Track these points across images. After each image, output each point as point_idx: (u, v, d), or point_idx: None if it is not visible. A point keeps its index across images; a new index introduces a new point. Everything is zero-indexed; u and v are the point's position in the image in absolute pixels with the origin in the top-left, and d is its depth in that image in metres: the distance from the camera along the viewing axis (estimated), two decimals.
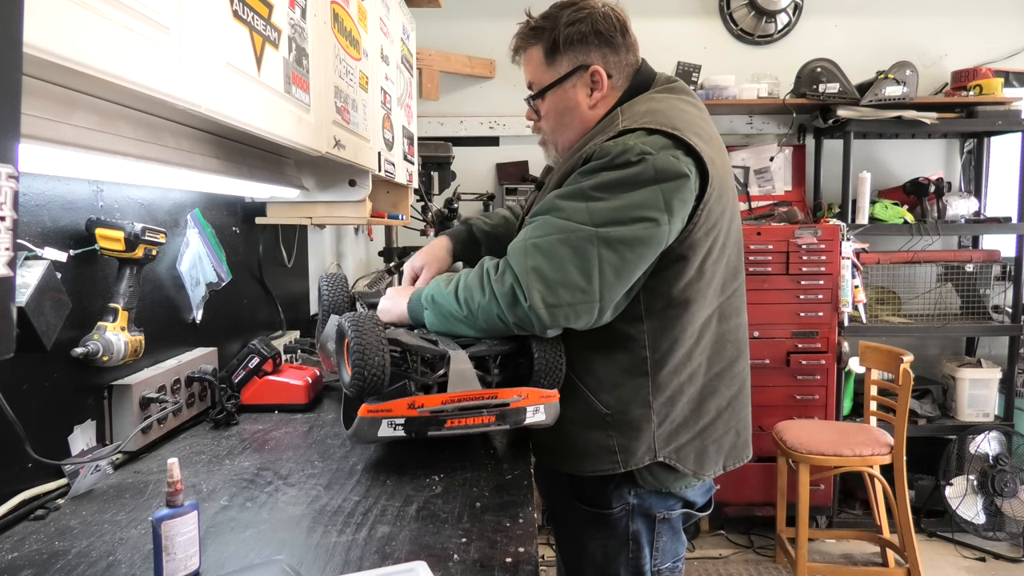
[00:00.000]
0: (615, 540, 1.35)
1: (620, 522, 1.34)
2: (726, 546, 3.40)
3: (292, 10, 1.28)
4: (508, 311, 1.20)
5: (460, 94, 3.88)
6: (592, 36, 1.30)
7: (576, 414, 1.30)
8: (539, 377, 1.28)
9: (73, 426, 1.26)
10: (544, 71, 1.35)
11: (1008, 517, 3.35)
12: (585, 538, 1.39)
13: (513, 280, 1.19)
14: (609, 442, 1.29)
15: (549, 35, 1.33)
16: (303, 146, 1.37)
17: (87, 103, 0.89)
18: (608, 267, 1.16)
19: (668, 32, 3.83)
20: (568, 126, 1.36)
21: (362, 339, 1.14)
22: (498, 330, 1.24)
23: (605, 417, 1.29)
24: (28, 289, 1.00)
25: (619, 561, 1.36)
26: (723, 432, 1.35)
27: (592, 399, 1.30)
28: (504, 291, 1.20)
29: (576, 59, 1.32)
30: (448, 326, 1.29)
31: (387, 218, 2.54)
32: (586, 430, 1.30)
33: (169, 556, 0.88)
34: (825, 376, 3.33)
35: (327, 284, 1.66)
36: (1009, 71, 3.69)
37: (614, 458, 1.29)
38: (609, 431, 1.28)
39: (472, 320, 1.25)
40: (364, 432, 1.15)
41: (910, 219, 3.47)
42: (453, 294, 1.26)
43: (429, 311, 1.31)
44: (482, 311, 1.22)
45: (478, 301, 1.23)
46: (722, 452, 1.36)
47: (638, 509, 1.34)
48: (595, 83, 1.32)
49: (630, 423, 1.28)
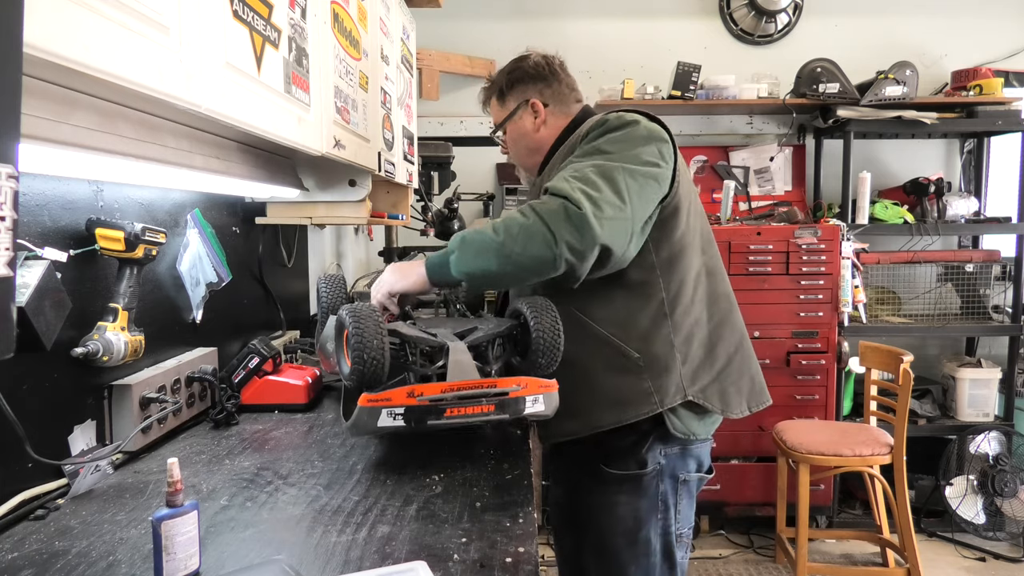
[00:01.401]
0: (646, 501, 1.46)
1: (651, 483, 1.46)
2: (726, 546, 3.40)
3: (292, 10, 1.28)
4: (559, 224, 1.23)
5: (460, 94, 3.88)
6: (527, 78, 1.63)
7: (610, 365, 1.42)
8: (536, 356, 1.28)
9: (73, 426, 1.26)
10: (500, 112, 1.68)
11: (1008, 517, 3.35)
12: (614, 505, 1.47)
13: (561, 199, 1.25)
14: (644, 384, 1.41)
15: (496, 85, 1.67)
16: (303, 146, 1.37)
17: (87, 103, 0.89)
18: (634, 192, 1.31)
19: (668, 32, 3.83)
20: (526, 148, 1.66)
21: (361, 329, 1.14)
22: (536, 257, 1.25)
23: (637, 361, 1.41)
24: (28, 289, 1.00)
25: (650, 524, 1.47)
26: (738, 376, 1.51)
27: (623, 346, 1.42)
28: (553, 208, 1.25)
29: (518, 97, 1.64)
30: (478, 262, 1.29)
31: (387, 218, 2.54)
32: (622, 377, 1.42)
33: (169, 556, 0.88)
34: (825, 376, 3.33)
35: (326, 285, 1.67)
36: (1009, 71, 3.69)
37: (652, 399, 1.41)
38: (642, 374, 1.41)
39: (509, 246, 1.25)
40: (364, 422, 1.15)
41: (910, 219, 3.47)
42: (488, 228, 1.29)
43: (457, 253, 1.31)
44: (524, 232, 1.25)
45: (520, 223, 1.26)
46: (743, 394, 1.51)
47: (666, 470, 1.46)
48: (536, 111, 1.62)
49: (659, 362, 1.42)
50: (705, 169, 3.84)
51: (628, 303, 1.43)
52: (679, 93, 3.51)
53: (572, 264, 1.25)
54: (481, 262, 1.29)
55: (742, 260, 3.27)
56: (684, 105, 3.55)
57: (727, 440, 3.29)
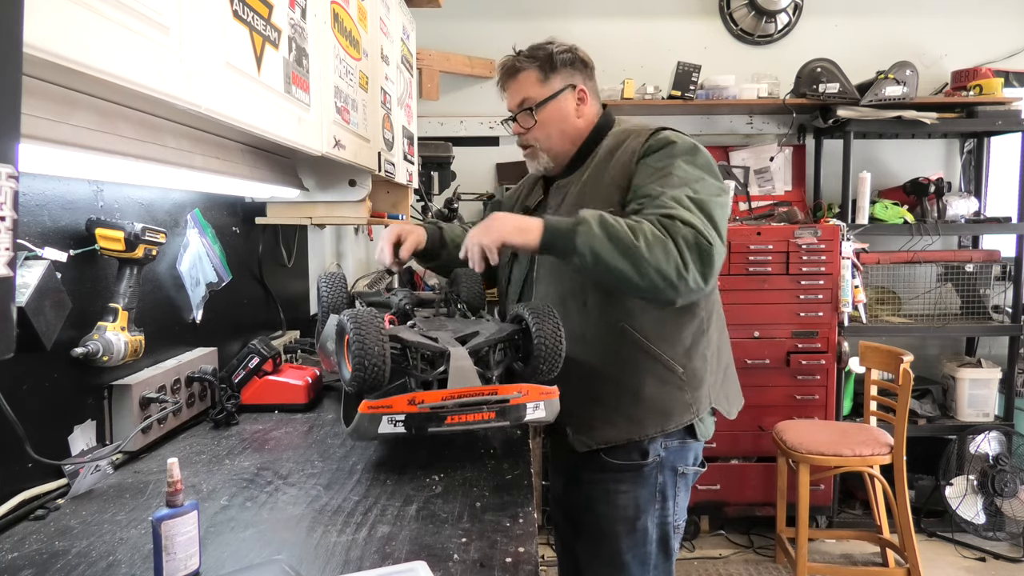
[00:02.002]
0: (646, 491, 1.52)
1: (651, 474, 1.52)
2: (726, 546, 3.40)
3: (292, 10, 1.28)
4: (693, 253, 1.29)
5: (460, 94, 3.88)
6: (578, 63, 1.61)
7: (657, 378, 1.48)
8: (538, 362, 1.28)
9: (73, 426, 1.26)
10: (539, 88, 1.59)
11: (1008, 517, 3.35)
12: (615, 494, 1.53)
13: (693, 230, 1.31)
14: (685, 396, 1.50)
15: (545, 59, 1.58)
16: (303, 146, 1.37)
17: (87, 103, 0.89)
18: (723, 228, 1.37)
19: (668, 32, 3.83)
20: (561, 133, 1.60)
21: (362, 335, 1.14)
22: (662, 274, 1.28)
23: (680, 375, 1.49)
24: (28, 289, 1.00)
25: (649, 513, 1.53)
26: (733, 379, 1.66)
27: (671, 362, 1.48)
28: (688, 236, 1.30)
29: (567, 78, 1.59)
30: (608, 249, 1.29)
31: (387, 218, 2.53)
32: (667, 390, 1.49)
33: (169, 556, 0.88)
34: (825, 376, 3.33)
35: (326, 284, 1.67)
36: (1009, 71, 3.69)
37: (691, 409, 1.50)
38: (684, 387, 1.50)
39: (644, 253, 1.27)
40: (364, 428, 1.15)
41: (910, 219, 3.47)
42: (623, 224, 1.30)
43: (588, 228, 1.30)
44: (661, 247, 1.28)
45: (659, 237, 1.29)
46: (734, 396, 1.65)
47: (667, 462, 1.53)
48: (580, 100, 1.60)
49: (697, 376, 1.51)
50: None
51: (676, 322, 1.49)
52: (679, 93, 3.51)
53: (689, 293, 1.32)
54: (611, 250, 1.29)
55: (742, 260, 3.27)
56: (684, 105, 3.55)
57: (727, 440, 3.29)
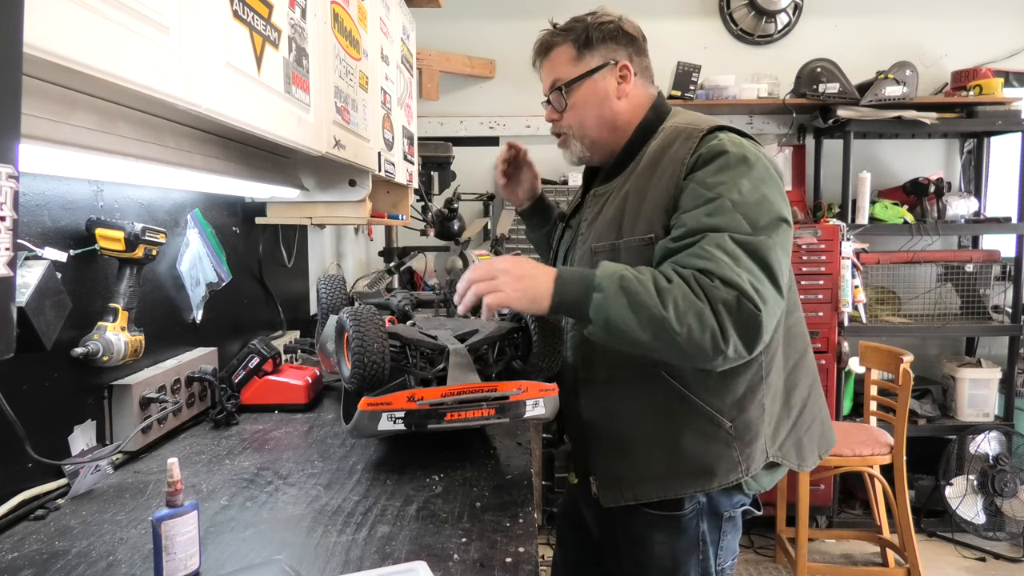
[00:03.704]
0: (684, 541, 1.32)
1: (691, 523, 1.32)
2: None
3: (292, 10, 1.28)
4: (732, 322, 1.08)
5: (460, 94, 3.88)
6: (621, 35, 1.37)
7: (699, 433, 1.27)
8: (537, 359, 1.28)
9: (73, 426, 1.26)
10: (573, 66, 1.38)
11: (1008, 517, 3.35)
12: (652, 544, 1.34)
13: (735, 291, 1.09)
14: (732, 453, 1.27)
15: (580, 32, 1.37)
16: (303, 146, 1.37)
17: (87, 103, 0.89)
18: (785, 273, 1.17)
19: (668, 32, 3.83)
20: (597, 117, 1.38)
21: (361, 332, 1.14)
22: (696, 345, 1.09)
23: (728, 430, 1.26)
24: (28, 289, 1.00)
25: (689, 564, 1.33)
26: (810, 422, 1.37)
27: (717, 417, 1.26)
28: (728, 300, 1.08)
29: (606, 54, 1.36)
30: (628, 319, 1.09)
31: (387, 218, 2.54)
32: (710, 445, 1.27)
33: (169, 556, 0.88)
34: (825, 376, 3.32)
35: (326, 286, 1.67)
36: (1009, 71, 3.69)
37: (739, 468, 1.27)
38: (731, 442, 1.27)
39: (673, 324, 1.07)
40: (364, 426, 1.15)
41: (910, 219, 3.47)
42: (651, 285, 1.10)
43: (606, 296, 1.10)
44: (695, 317, 1.08)
45: (693, 303, 1.08)
46: (814, 442, 1.38)
47: (707, 509, 1.32)
48: (623, 77, 1.37)
49: (749, 429, 1.27)
50: None
51: (727, 370, 1.23)
52: (679, 93, 3.51)
53: (727, 363, 1.12)
54: (631, 321, 1.09)
55: None
56: (684, 105, 3.55)
57: None
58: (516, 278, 1.15)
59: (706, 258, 1.11)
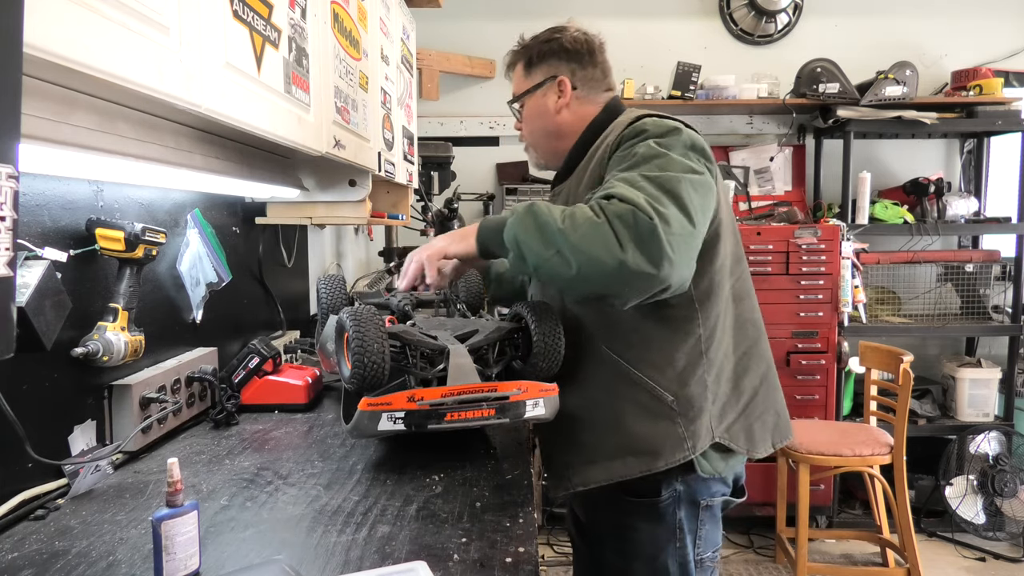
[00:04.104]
0: (663, 529, 1.36)
1: (668, 510, 1.36)
2: (726, 546, 3.40)
3: (292, 10, 1.28)
4: (627, 231, 1.10)
5: (460, 94, 3.88)
6: (561, 52, 1.49)
7: (642, 410, 1.31)
8: (537, 359, 1.28)
9: (73, 426, 1.26)
10: (523, 81, 1.52)
11: (1008, 517, 3.35)
12: (632, 531, 1.38)
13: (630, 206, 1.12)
14: (678, 429, 1.30)
15: (529, 51, 1.51)
16: (303, 146, 1.37)
17: (87, 103, 0.89)
18: (698, 207, 1.18)
19: (668, 32, 3.83)
20: (542, 128, 1.51)
21: (361, 332, 1.14)
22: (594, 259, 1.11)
23: (672, 405, 1.30)
24: (28, 289, 1.00)
25: (667, 552, 1.37)
26: (763, 410, 1.41)
27: (658, 390, 1.31)
28: (620, 211, 1.11)
29: (548, 70, 1.49)
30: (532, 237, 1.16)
31: (387, 218, 2.54)
32: (654, 423, 1.31)
33: (169, 556, 0.88)
34: (825, 376, 3.33)
35: (325, 286, 1.67)
36: (1009, 71, 3.69)
37: (684, 445, 1.30)
38: (676, 419, 1.30)
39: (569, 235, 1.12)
40: (364, 426, 1.15)
41: (910, 219, 3.47)
42: (557, 211, 1.16)
43: (517, 217, 1.19)
44: (590, 227, 1.12)
45: (587, 217, 1.13)
46: (767, 430, 1.41)
47: (684, 496, 1.36)
48: (561, 91, 1.48)
49: (692, 405, 1.31)
50: None
51: (665, 341, 1.31)
52: (679, 93, 3.51)
53: (639, 280, 1.11)
54: (537, 239, 1.16)
55: None
56: (684, 105, 3.55)
57: None
58: (447, 237, 1.34)
59: (608, 188, 1.18)
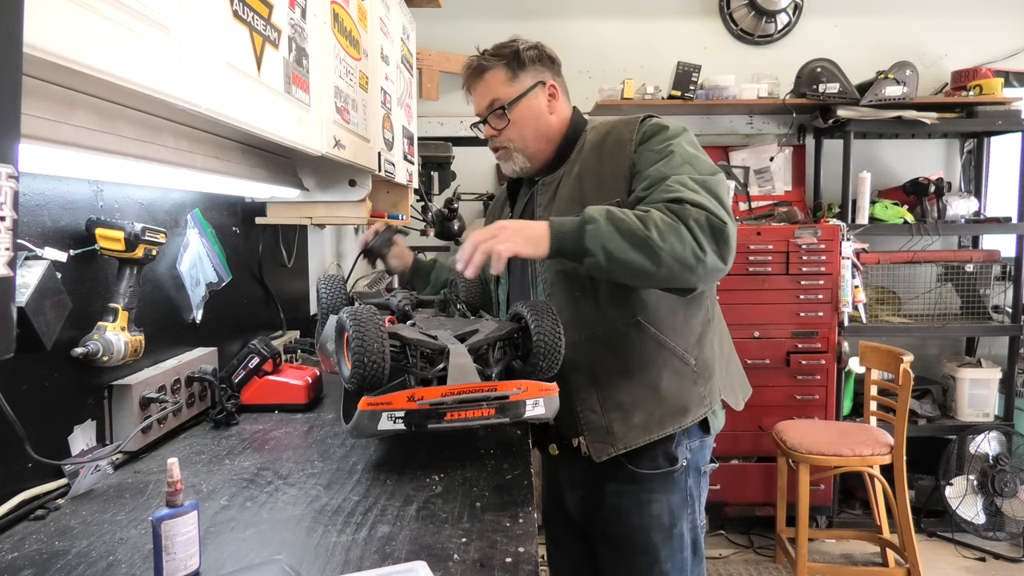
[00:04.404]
0: (678, 496, 1.49)
1: (681, 478, 1.49)
2: (726, 546, 3.40)
3: (292, 10, 1.28)
4: (706, 234, 1.25)
5: (460, 94, 3.82)
6: (546, 59, 1.56)
7: (673, 373, 1.45)
8: (538, 359, 1.28)
9: (73, 426, 1.26)
10: (508, 87, 1.54)
11: (1008, 517, 3.35)
12: (648, 504, 1.48)
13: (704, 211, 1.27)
14: (699, 389, 1.46)
15: (512, 56, 1.53)
16: (303, 146, 1.37)
17: (87, 103, 0.89)
18: (729, 204, 1.33)
19: (668, 32, 3.83)
20: (535, 131, 1.55)
21: (361, 332, 1.14)
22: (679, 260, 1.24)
23: (694, 368, 1.46)
24: (28, 289, 1.00)
25: (683, 518, 1.50)
26: (736, 369, 1.63)
27: (685, 354, 1.45)
28: (699, 218, 1.26)
29: (536, 75, 1.54)
30: (622, 244, 1.24)
31: (387, 218, 2.53)
32: (682, 383, 1.45)
33: (169, 556, 0.88)
34: (825, 376, 3.33)
35: (325, 286, 1.67)
36: (1009, 71, 3.69)
37: (705, 402, 1.47)
38: (697, 379, 1.46)
39: (658, 241, 1.23)
40: (364, 425, 1.15)
41: (910, 219, 3.47)
42: (632, 216, 1.26)
43: (598, 226, 1.25)
44: (674, 233, 1.24)
45: (669, 223, 1.25)
46: (739, 387, 1.61)
47: (692, 463, 1.50)
48: (552, 96, 1.55)
49: (707, 367, 1.48)
50: None
51: (686, 312, 1.46)
52: (679, 93, 3.51)
53: (709, 274, 1.28)
54: (623, 245, 1.24)
55: (742, 260, 3.27)
56: (684, 105, 3.55)
57: (727, 440, 3.29)
58: (514, 230, 1.30)
59: (673, 191, 1.29)
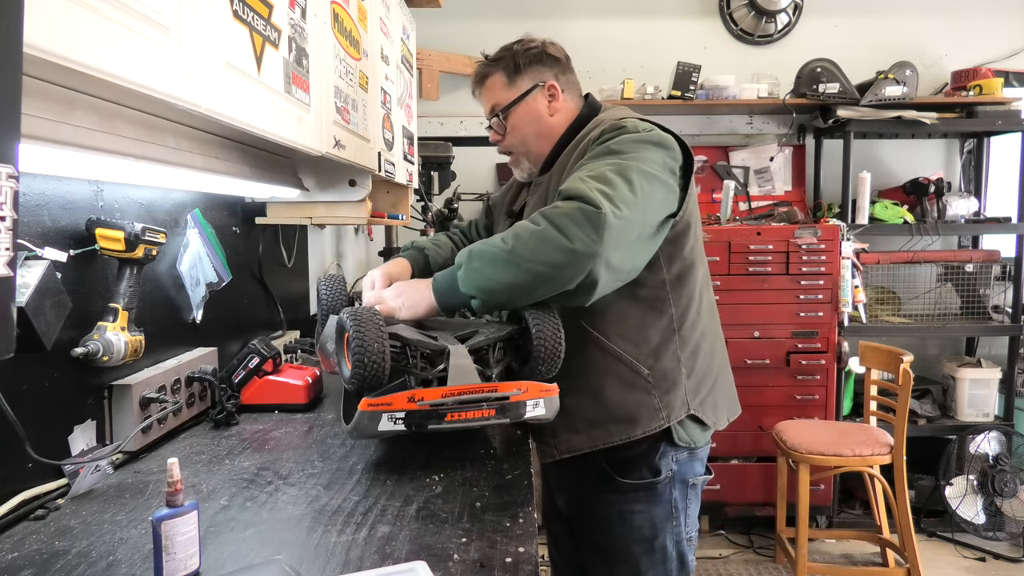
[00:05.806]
0: (661, 508, 1.46)
1: (665, 490, 1.46)
2: (726, 546, 3.40)
3: (292, 10, 1.28)
4: (572, 226, 1.16)
5: (460, 94, 3.88)
6: (546, 58, 1.53)
7: (620, 381, 1.41)
8: (537, 363, 1.28)
9: (73, 426, 1.26)
10: (506, 91, 1.54)
11: (1008, 517, 3.35)
12: (631, 514, 1.46)
13: (576, 201, 1.19)
14: (652, 400, 1.41)
15: (509, 61, 1.53)
16: (303, 146, 1.37)
17: (87, 103, 0.89)
18: (647, 194, 1.26)
19: (668, 32, 3.83)
20: (535, 133, 1.54)
21: (362, 333, 1.14)
22: (549, 263, 1.17)
23: (647, 377, 1.41)
24: (28, 289, 1.00)
25: (666, 531, 1.47)
26: (723, 387, 1.54)
27: (633, 362, 1.41)
28: (566, 211, 1.18)
29: (534, 77, 1.53)
30: (488, 275, 1.22)
31: (387, 218, 2.54)
32: (631, 393, 1.41)
33: (169, 556, 0.88)
34: (825, 376, 3.33)
35: (325, 286, 1.66)
36: (1009, 71, 3.69)
37: (660, 415, 1.41)
38: (651, 390, 1.41)
39: (520, 252, 1.18)
40: (364, 426, 1.15)
41: (910, 219, 3.47)
42: (497, 240, 1.23)
43: (464, 268, 1.24)
44: (535, 238, 1.18)
45: (530, 229, 1.20)
46: (724, 405, 1.53)
47: (677, 476, 1.47)
48: (552, 96, 1.53)
49: (666, 378, 1.42)
50: (705, 169, 3.84)
51: (640, 319, 1.41)
52: (679, 93, 3.51)
53: (585, 261, 1.17)
54: (491, 274, 1.22)
55: (742, 260, 3.27)
56: (684, 105, 3.55)
57: (727, 440, 3.29)
58: (396, 295, 1.32)
59: (565, 185, 1.24)
